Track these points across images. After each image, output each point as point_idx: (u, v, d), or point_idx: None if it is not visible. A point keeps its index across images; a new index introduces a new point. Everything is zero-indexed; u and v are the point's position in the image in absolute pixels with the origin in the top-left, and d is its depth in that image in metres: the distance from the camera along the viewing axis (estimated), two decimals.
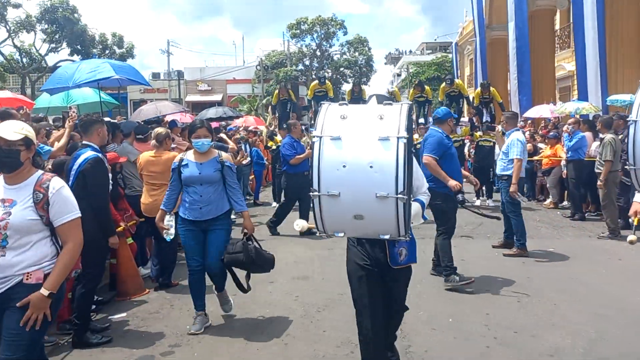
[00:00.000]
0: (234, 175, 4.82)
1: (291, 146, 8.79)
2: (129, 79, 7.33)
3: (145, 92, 40.94)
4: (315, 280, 6.12)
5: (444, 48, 66.08)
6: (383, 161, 2.61)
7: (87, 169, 4.49)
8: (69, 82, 6.99)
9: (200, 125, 4.75)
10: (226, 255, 4.68)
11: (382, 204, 2.62)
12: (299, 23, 45.12)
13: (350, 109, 2.84)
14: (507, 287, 5.76)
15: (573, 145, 9.96)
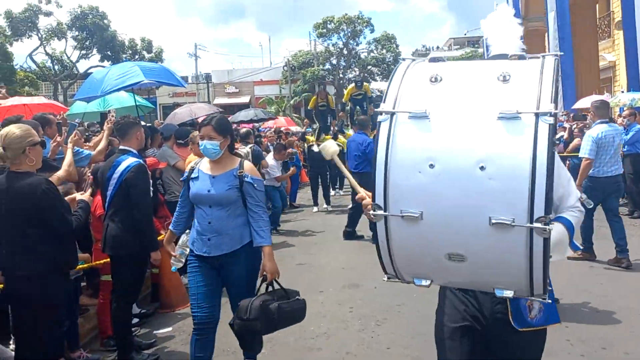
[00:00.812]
0: (259, 194, 3.46)
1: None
2: (160, 82, 7.03)
3: (174, 95, 41.23)
4: (367, 289, 5.72)
5: (472, 43, 65.03)
6: (506, 158, 1.55)
7: (131, 177, 4.17)
8: (97, 90, 6.71)
9: (207, 123, 3.48)
10: (237, 321, 3.24)
11: (503, 237, 1.57)
12: (325, 22, 44.79)
13: (449, 66, 1.84)
14: (580, 295, 5.27)
15: (630, 138, 9.37)
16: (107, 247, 4.23)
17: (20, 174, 3.12)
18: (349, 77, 46.83)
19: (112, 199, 4.24)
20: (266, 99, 39.89)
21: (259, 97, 43.00)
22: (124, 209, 4.19)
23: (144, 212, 4.24)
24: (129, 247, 4.18)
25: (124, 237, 4.17)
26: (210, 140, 3.39)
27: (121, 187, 4.20)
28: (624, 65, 18.89)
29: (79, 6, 32.28)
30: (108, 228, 4.22)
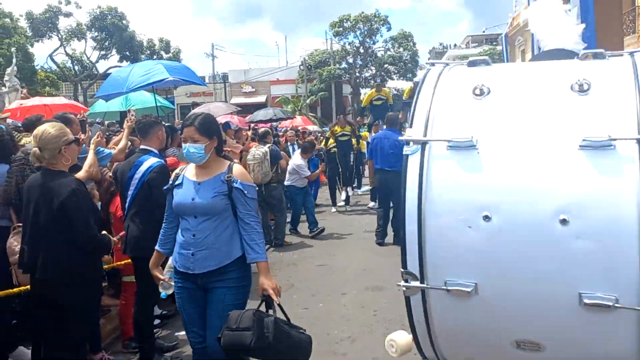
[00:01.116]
0: (250, 202, 2.98)
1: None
2: (183, 80, 6.99)
3: (191, 95, 41.38)
4: (391, 291, 5.58)
5: (490, 41, 64.34)
6: (599, 207, 1.10)
7: (153, 178, 4.10)
8: (122, 87, 6.70)
9: (189, 123, 2.99)
10: (226, 331, 2.70)
11: (600, 322, 1.11)
12: (341, 21, 44.66)
13: (498, 72, 1.39)
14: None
15: None
16: (128, 249, 4.17)
17: (54, 172, 3.12)
18: (366, 76, 46.67)
19: (133, 200, 4.18)
20: (282, 99, 39.88)
21: (275, 97, 43.02)
22: (146, 209, 4.13)
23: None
24: (151, 248, 4.11)
25: (146, 238, 4.08)
26: (193, 143, 2.93)
27: (143, 188, 4.14)
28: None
29: (98, 7, 32.67)
30: (129, 229, 4.15)
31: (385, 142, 7.91)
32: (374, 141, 8.27)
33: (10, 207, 3.52)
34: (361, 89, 47.18)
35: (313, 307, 5.26)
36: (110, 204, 4.74)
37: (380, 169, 7.94)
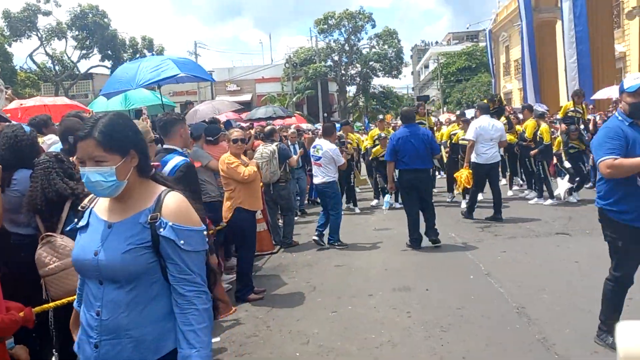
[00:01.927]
0: (190, 259, 1.85)
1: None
2: (194, 76, 6.71)
3: (174, 95, 40.81)
4: (419, 292, 5.42)
5: (471, 37, 64.75)
6: None
7: (180, 177, 3.87)
8: (131, 83, 6.39)
9: (85, 135, 1.84)
10: None
11: None
12: (326, 18, 44.43)
13: None
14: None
15: None
16: None
17: None
18: (352, 74, 46.50)
19: None
20: (268, 97, 39.55)
21: (260, 95, 42.71)
22: None
23: (199, 212, 3.92)
24: None
25: None
26: (96, 166, 1.81)
27: None
28: (637, 55, 18.67)
29: (78, 5, 31.93)
30: None
31: (414, 139, 7.20)
32: (398, 140, 7.26)
33: (36, 214, 3.23)
34: (347, 87, 47.06)
35: (342, 310, 5.06)
36: None
37: (411, 169, 7.16)
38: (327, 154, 7.53)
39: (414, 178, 7.21)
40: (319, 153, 7.63)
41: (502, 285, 5.36)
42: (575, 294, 4.98)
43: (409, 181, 7.28)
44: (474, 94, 42.71)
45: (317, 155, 7.67)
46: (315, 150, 7.75)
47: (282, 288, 5.95)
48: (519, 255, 6.48)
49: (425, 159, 7.25)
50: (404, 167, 7.26)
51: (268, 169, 7.55)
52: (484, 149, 8.65)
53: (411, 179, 7.23)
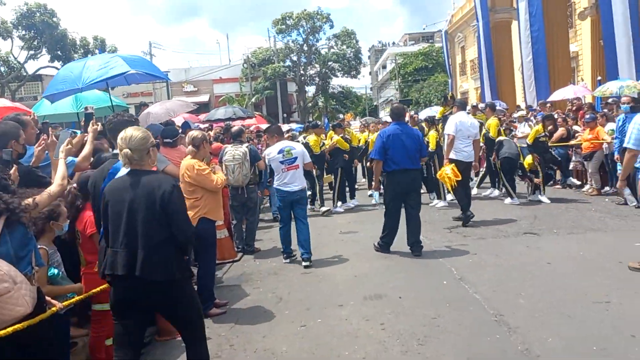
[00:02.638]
0: None
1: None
2: (147, 74, 6.25)
3: (129, 96, 39.58)
4: (392, 299, 5.15)
5: (427, 38, 65.67)
6: None
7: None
8: (77, 83, 5.87)
9: None
10: None
11: None
12: (284, 18, 44.04)
13: None
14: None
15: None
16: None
17: (147, 172, 3.24)
18: (311, 74, 46.25)
19: None
20: (226, 97, 38.84)
21: (218, 96, 41.91)
22: None
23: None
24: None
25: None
26: None
27: None
28: (590, 55, 19.07)
29: (25, 3, 30.37)
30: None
31: (405, 137, 6.72)
32: (389, 138, 6.73)
33: None
34: (306, 87, 46.79)
35: (311, 323, 4.73)
36: (76, 220, 4.02)
37: (401, 170, 6.69)
38: (301, 153, 6.78)
39: (403, 179, 6.73)
40: (291, 155, 6.67)
41: (477, 291, 5.15)
42: (553, 298, 4.81)
43: (398, 184, 6.77)
44: (432, 94, 43.21)
45: (291, 158, 6.66)
46: (286, 153, 6.67)
47: (246, 300, 5.58)
48: (491, 258, 6.31)
49: (415, 159, 6.81)
50: (394, 167, 6.72)
51: (240, 172, 7.16)
52: (463, 145, 8.29)
53: (400, 180, 6.74)
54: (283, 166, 6.66)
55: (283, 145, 6.81)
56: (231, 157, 7.13)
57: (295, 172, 6.68)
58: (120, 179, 3.26)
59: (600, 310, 4.45)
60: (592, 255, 6.13)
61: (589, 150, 10.74)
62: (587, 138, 10.82)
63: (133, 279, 3.06)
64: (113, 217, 3.15)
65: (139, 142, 3.19)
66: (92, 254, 3.90)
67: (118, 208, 3.13)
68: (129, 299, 3.13)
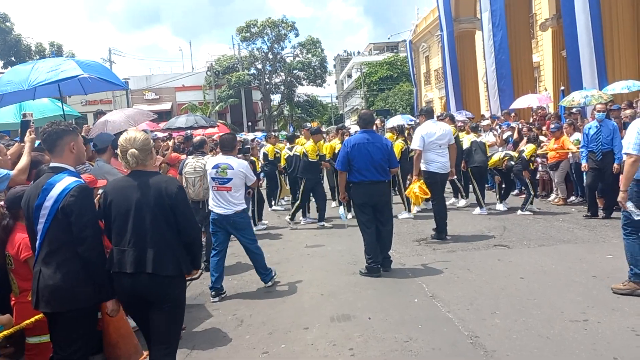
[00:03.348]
0: None
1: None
2: (102, 80, 5.79)
3: (87, 104, 38.40)
4: (360, 321, 4.83)
5: (391, 48, 66.30)
6: None
7: (71, 203, 3.07)
8: (23, 84, 5.35)
9: None
10: None
11: None
12: (248, 26, 43.72)
13: None
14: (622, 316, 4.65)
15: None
16: (42, 303, 3.09)
17: (151, 172, 3.32)
18: (276, 82, 45.96)
19: (44, 236, 3.11)
20: (189, 106, 38.10)
21: (181, 104, 41.12)
22: (64, 247, 3.10)
23: (95, 248, 3.13)
24: (76, 299, 3.08)
25: (67, 286, 3.06)
26: None
27: (57, 218, 3.09)
28: (551, 65, 19.39)
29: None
30: (42, 276, 3.09)
31: (371, 147, 6.26)
32: (354, 147, 6.29)
33: None
34: (272, 95, 46.44)
35: (275, 349, 4.37)
36: (7, 243, 3.56)
37: (367, 182, 6.25)
38: (240, 173, 5.87)
39: (370, 191, 6.27)
40: (226, 174, 5.83)
41: (449, 310, 4.89)
42: (529, 316, 4.58)
43: (364, 195, 6.32)
44: (397, 103, 43.52)
45: (224, 178, 5.82)
46: (221, 170, 5.84)
47: (205, 323, 5.17)
48: (462, 272, 6.08)
49: (381, 169, 6.29)
50: (360, 178, 6.27)
51: (202, 185, 6.73)
52: (435, 156, 7.71)
53: (367, 192, 6.28)
54: (214, 184, 5.88)
55: (221, 160, 5.92)
56: (192, 169, 6.71)
57: (226, 194, 5.81)
58: (124, 179, 3.33)
59: (578, 330, 4.24)
60: (565, 269, 5.96)
61: (554, 160, 10.74)
62: (552, 148, 10.83)
63: (140, 276, 3.14)
64: (118, 217, 3.19)
65: (143, 143, 3.28)
66: (27, 281, 3.46)
67: (124, 208, 3.18)
68: (136, 295, 3.19)
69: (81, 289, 3.11)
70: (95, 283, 3.13)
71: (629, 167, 4.74)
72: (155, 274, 3.13)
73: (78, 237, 3.08)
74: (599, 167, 8.63)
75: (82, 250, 3.08)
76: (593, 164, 8.73)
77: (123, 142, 3.29)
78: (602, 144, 8.58)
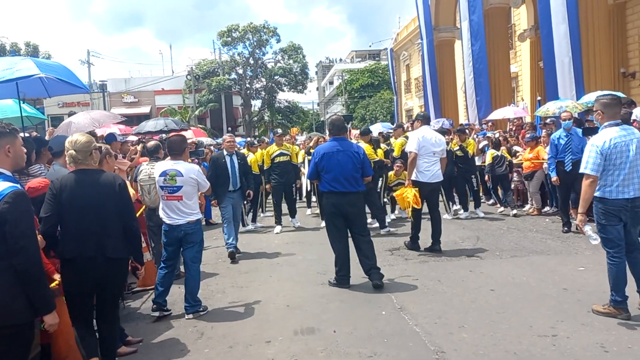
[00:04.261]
0: None
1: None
2: (60, 80, 5.55)
3: (63, 106, 37.77)
4: (325, 334, 4.65)
5: (373, 56, 66.57)
6: None
7: (5, 211, 2.85)
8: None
9: None
10: None
11: None
12: (230, 30, 43.43)
13: None
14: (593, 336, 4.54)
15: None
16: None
17: (96, 170, 3.85)
18: (257, 87, 45.70)
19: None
20: (168, 109, 37.68)
21: (160, 107, 40.61)
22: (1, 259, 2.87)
23: (32, 259, 2.92)
24: (11, 314, 2.86)
25: (1, 301, 2.84)
26: None
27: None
28: (529, 75, 19.53)
29: None
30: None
31: (341, 156, 5.98)
32: (322, 157, 6.03)
33: None
34: (252, 101, 46.16)
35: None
36: None
37: (337, 192, 5.97)
38: (190, 180, 5.37)
39: (338, 202, 5.99)
40: (175, 182, 5.32)
41: (417, 323, 4.74)
42: (497, 331, 4.45)
43: (332, 206, 6.03)
44: (377, 111, 43.59)
45: (173, 186, 5.32)
46: (169, 178, 5.33)
47: (164, 335, 4.94)
48: (433, 284, 5.94)
49: (352, 180, 5.97)
50: (328, 188, 6.01)
51: (157, 192, 6.46)
52: (427, 164, 7.43)
53: (335, 204, 6.01)
54: (162, 193, 5.40)
55: (169, 166, 5.41)
56: (147, 176, 6.39)
57: (177, 203, 5.34)
58: (71, 176, 3.75)
59: (546, 346, 4.11)
60: (536, 281, 5.86)
61: (529, 170, 10.73)
62: (527, 157, 10.82)
63: (97, 259, 3.67)
64: (75, 210, 3.65)
65: (83, 145, 3.74)
66: None
67: (81, 202, 3.66)
68: (93, 277, 3.70)
69: (17, 304, 2.88)
70: (29, 293, 2.90)
71: (587, 188, 4.51)
72: (112, 258, 3.68)
73: (13, 247, 2.86)
74: (570, 178, 8.19)
75: (17, 261, 2.86)
76: (563, 175, 8.38)
77: (66, 143, 3.76)
78: (572, 153, 8.24)
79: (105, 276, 3.73)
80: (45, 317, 3.04)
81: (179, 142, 5.59)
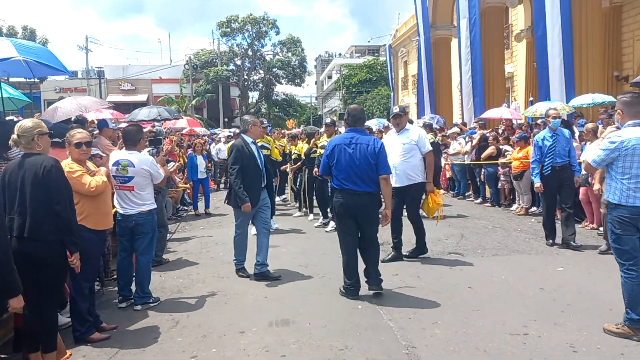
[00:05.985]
0: None
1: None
2: (39, 63, 5.51)
3: (61, 91, 37.64)
4: (299, 326, 4.67)
5: (372, 51, 66.45)
6: None
7: None
8: None
9: None
10: None
11: None
12: (229, 21, 43.33)
13: None
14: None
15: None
16: None
17: (32, 153, 3.81)
18: (254, 79, 45.63)
19: None
20: (165, 98, 37.57)
21: (157, 96, 40.50)
22: None
23: (3, 249, 2.93)
24: None
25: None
26: None
27: None
28: (524, 76, 19.55)
29: None
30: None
31: (354, 150, 5.28)
32: (333, 150, 5.38)
33: None
34: (250, 92, 46.10)
35: (205, 353, 4.18)
36: None
37: (347, 191, 5.30)
38: (142, 172, 5.25)
39: (348, 202, 5.30)
40: (127, 172, 5.21)
41: (392, 318, 4.76)
42: (470, 328, 4.47)
43: (341, 206, 5.36)
44: (374, 107, 43.54)
45: (124, 176, 5.23)
46: (121, 168, 5.23)
47: (139, 323, 4.94)
48: (412, 280, 5.96)
49: (366, 178, 5.25)
50: (337, 185, 5.39)
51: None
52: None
53: (344, 204, 5.33)
54: (115, 182, 5.24)
55: (122, 156, 5.29)
56: None
57: (128, 193, 5.25)
58: (16, 160, 3.88)
59: (516, 344, 4.13)
60: (514, 279, 5.88)
61: (519, 169, 10.75)
62: (517, 157, 10.84)
63: (22, 239, 3.67)
64: (9, 191, 3.74)
65: (25, 130, 3.80)
66: None
67: (14, 184, 3.72)
68: (21, 257, 3.53)
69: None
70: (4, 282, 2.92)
71: (588, 169, 4.70)
72: (31, 239, 3.65)
73: None
74: (556, 183, 7.42)
75: None
76: (548, 180, 7.43)
77: (15, 127, 3.87)
78: (556, 156, 7.38)
79: (29, 257, 3.61)
80: (10, 300, 3.05)
81: (134, 132, 5.44)
